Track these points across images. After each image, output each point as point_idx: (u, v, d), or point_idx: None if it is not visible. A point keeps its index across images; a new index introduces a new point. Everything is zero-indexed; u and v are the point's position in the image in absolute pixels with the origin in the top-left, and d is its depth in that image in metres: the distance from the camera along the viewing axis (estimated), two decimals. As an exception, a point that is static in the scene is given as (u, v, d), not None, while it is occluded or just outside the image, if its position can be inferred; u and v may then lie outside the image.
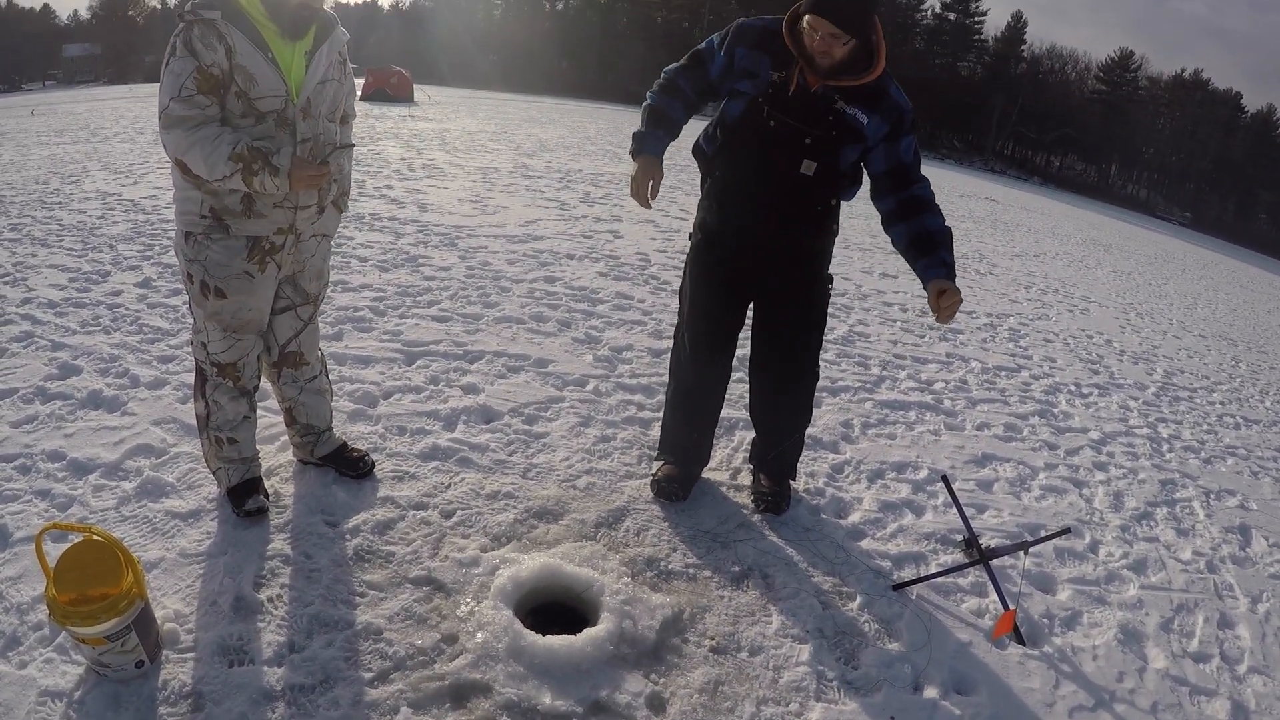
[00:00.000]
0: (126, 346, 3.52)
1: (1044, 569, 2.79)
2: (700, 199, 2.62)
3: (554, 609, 2.22)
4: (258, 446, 2.49)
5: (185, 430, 2.82)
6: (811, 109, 2.27)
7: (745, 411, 3.46)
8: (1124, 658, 2.39)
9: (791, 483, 2.92)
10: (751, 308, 2.68)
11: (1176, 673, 2.38)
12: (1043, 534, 2.78)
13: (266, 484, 2.49)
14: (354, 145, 2.37)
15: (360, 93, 21.73)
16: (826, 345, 2.74)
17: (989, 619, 2.43)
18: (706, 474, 2.96)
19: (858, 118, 2.28)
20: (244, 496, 2.36)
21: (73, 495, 2.41)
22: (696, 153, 2.57)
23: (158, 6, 70.91)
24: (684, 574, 2.41)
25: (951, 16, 62.88)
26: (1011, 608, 2.28)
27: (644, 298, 5.33)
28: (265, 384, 2.56)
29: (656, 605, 2.21)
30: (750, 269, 2.54)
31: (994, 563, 2.47)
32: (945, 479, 2.71)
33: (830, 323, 2.71)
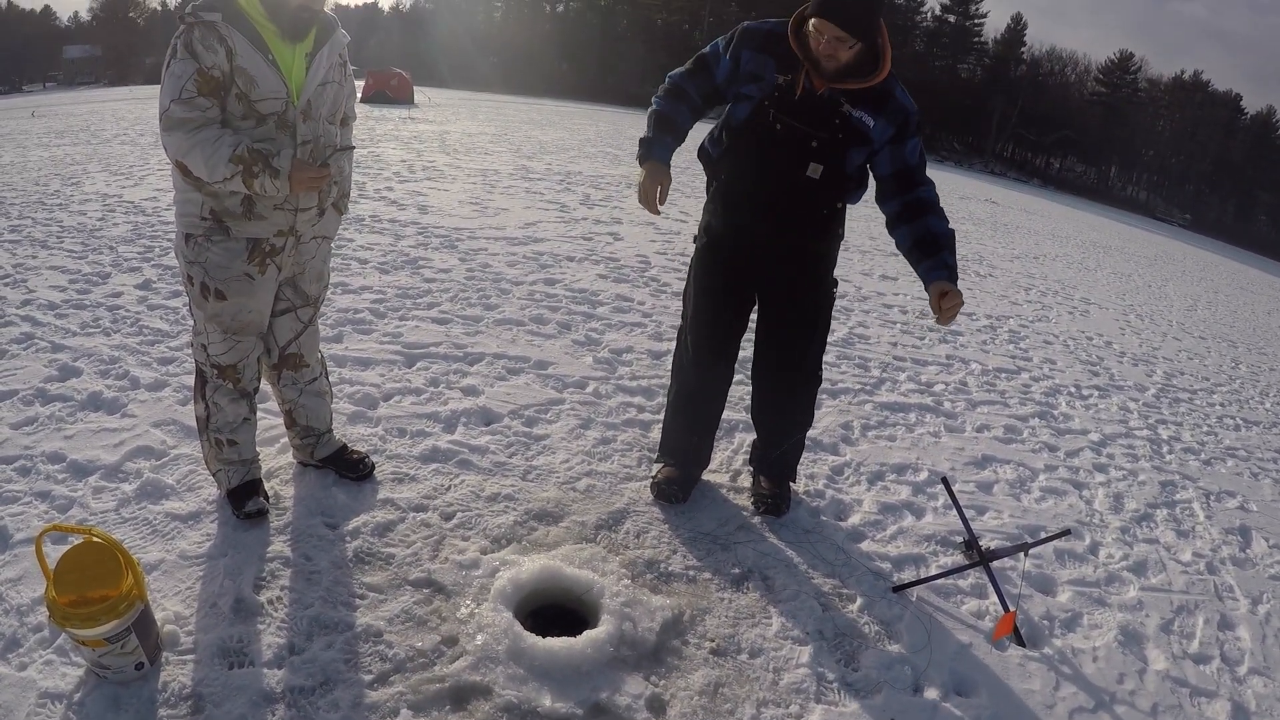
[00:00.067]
0: (127, 348, 3.53)
1: (1044, 571, 2.79)
2: (705, 202, 2.61)
3: (554, 611, 2.22)
4: (258, 448, 2.49)
5: (185, 432, 2.82)
6: (818, 112, 2.27)
7: (745, 414, 3.46)
8: (1124, 659, 2.39)
9: (791, 485, 2.92)
10: (755, 310, 2.68)
11: (1177, 674, 2.38)
12: (1043, 536, 2.78)
13: (266, 486, 2.49)
14: (354, 147, 2.38)
15: (360, 95, 21.76)
16: (826, 347, 2.74)
17: (989, 621, 2.43)
18: (706, 476, 2.96)
19: (864, 120, 2.27)
20: (244, 498, 2.37)
21: (73, 497, 2.41)
22: (702, 156, 2.57)
23: (158, 8, 71.06)
24: (684, 576, 2.41)
25: (951, 19, 63.01)
26: (1012, 609, 2.28)
27: (644, 300, 5.33)
28: (265, 386, 2.56)
29: (656, 607, 2.21)
30: (755, 272, 2.54)
31: (994, 564, 2.47)
32: (945, 481, 2.71)
33: (830, 324, 2.71)
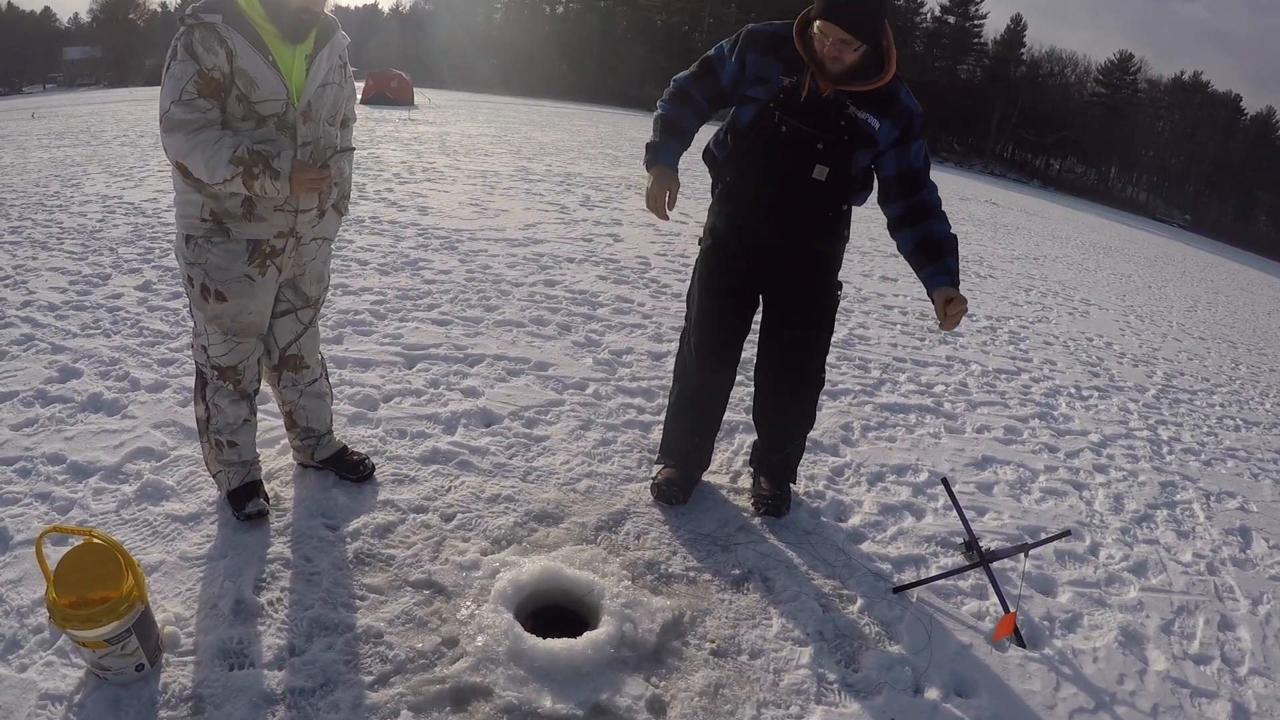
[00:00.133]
0: (127, 349, 3.53)
1: (1044, 571, 2.79)
2: (710, 204, 2.61)
3: (554, 612, 2.22)
4: (258, 450, 2.49)
5: (185, 433, 2.82)
6: (823, 114, 2.26)
7: (745, 414, 3.46)
8: (1124, 660, 2.39)
9: (791, 486, 2.92)
10: (759, 312, 2.68)
11: (1177, 675, 2.38)
12: (1043, 536, 2.78)
13: (267, 487, 2.49)
14: (354, 149, 2.38)
15: (360, 96, 21.77)
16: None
17: (989, 621, 2.43)
18: (706, 477, 2.96)
19: (869, 122, 2.27)
20: (244, 500, 2.37)
21: (73, 498, 2.41)
22: (707, 158, 2.57)
23: (158, 10, 71.15)
24: (684, 577, 2.41)
25: (951, 19, 63.07)
26: (1012, 610, 2.28)
27: (644, 301, 5.33)
28: (265, 387, 2.56)
29: (657, 608, 2.21)
30: (760, 274, 2.54)
31: (994, 565, 2.47)
32: (945, 482, 2.71)
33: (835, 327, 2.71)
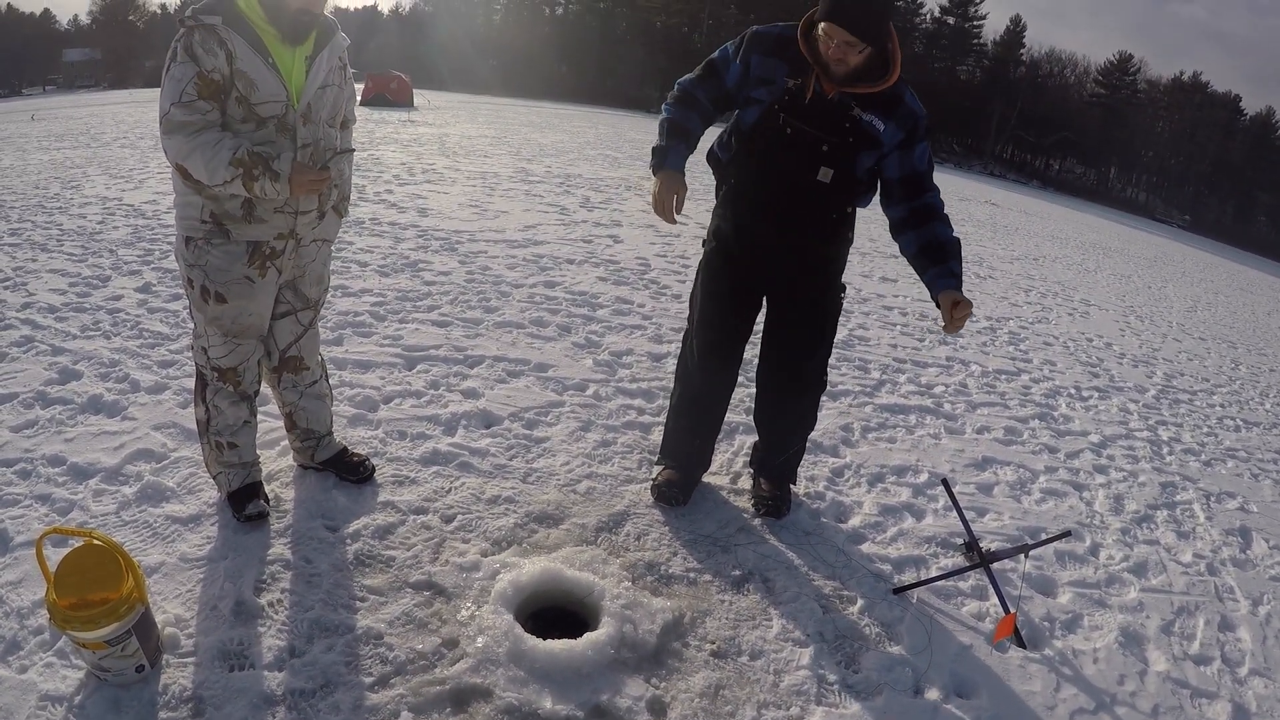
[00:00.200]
0: (127, 351, 3.53)
1: (1044, 572, 2.79)
2: (714, 206, 2.60)
3: (554, 613, 2.22)
4: (258, 451, 2.49)
5: (185, 435, 2.82)
6: (828, 116, 2.26)
7: (745, 416, 3.46)
8: (1125, 660, 2.39)
9: (792, 487, 2.92)
10: (762, 314, 2.68)
11: (1177, 675, 2.38)
12: (1043, 537, 2.78)
13: (267, 489, 2.49)
14: (354, 150, 2.38)
15: (360, 98, 21.79)
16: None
17: (989, 622, 2.43)
18: (706, 478, 2.96)
19: (874, 124, 2.27)
20: (244, 501, 2.37)
21: (73, 500, 2.41)
22: (710, 160, 2.57)
23: (158, 12, 71.20)
24: (684, 578, 2.41)
25: (950, 20, 63.13)
26: (1012, 611, 2.27)
27: (644, 302, 5.34)
28: (265, 389, 2.56)
29: (657, 609, 2.21)
30: (764, 276, 2.54)
31: (994, 566, 2.47)
32: (945, 482, 2.71)
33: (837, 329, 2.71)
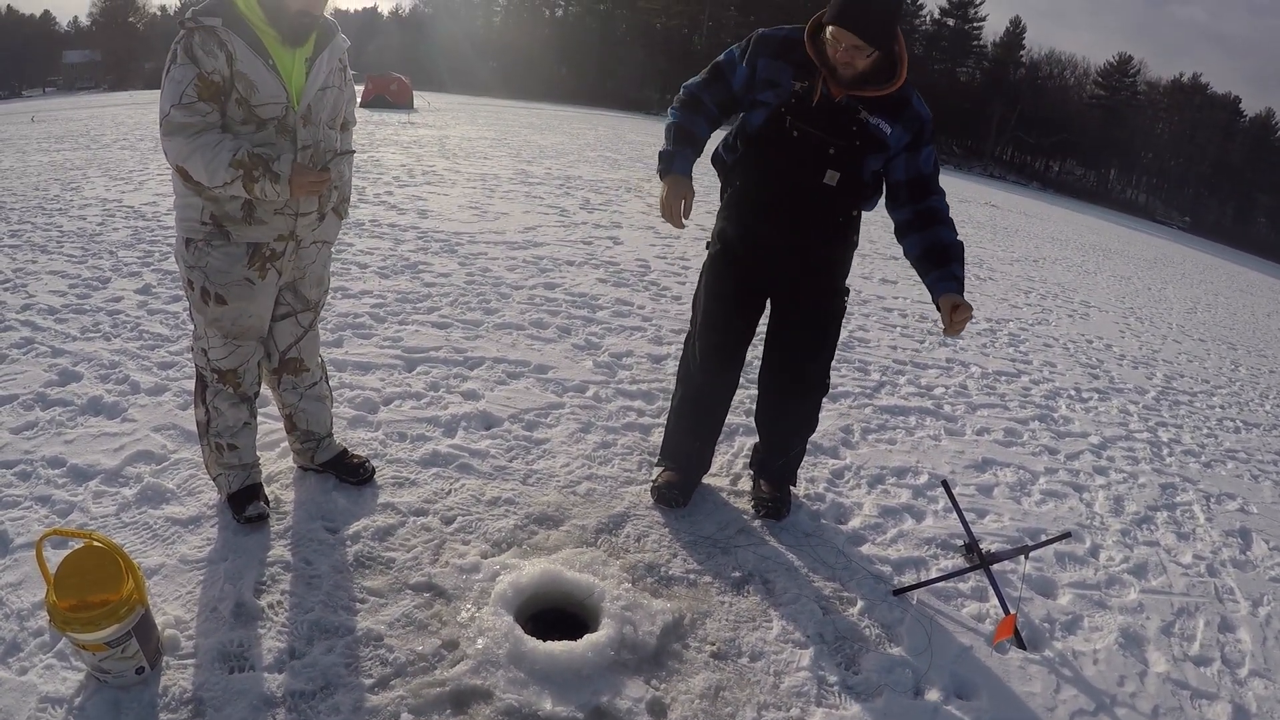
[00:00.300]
0: (127, 353, 3.53)
1: (1044, 573, 2.79)
2: (719, 209, 2.60)
3: (554, 615, 2.22)
4: (258, 453, 2.49)
5: (185, 436, 2.83)
6: (835, 119, 2.26)
7: (745, 417, 3.47)
8: (1125, 662, 2.39)
9: (791, 488, 2.92)
10: (765, 316, 2.67)
11: (1177, 676, 2.38)
12: (1043, 538, 2.78)
13: (267, 490, 2.50)
14: (354, 152, 2.38)
15: (360, 99, 21.80)
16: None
17: (989, 623, 2.43)
18: (706, 480, 2.96)
19: (881, 128, 2.27)
20: (244, 503, 2.37)
21: (73, 501, 2.41)
22: (715, 162, 2.56)
23: (158, 13, 71.28)
24: (684, 579, 2.41)
25: (950, 22, 63.18)
26: (1012, 612, 2.27)
27: (644, 304, 5.34)
28: (265, 390, 2.56)
29: (657, 611, 2.21)
30: (768, 279, 2.54)
31: (994, 567, 2.47)
32: (945, 484, 2.71)
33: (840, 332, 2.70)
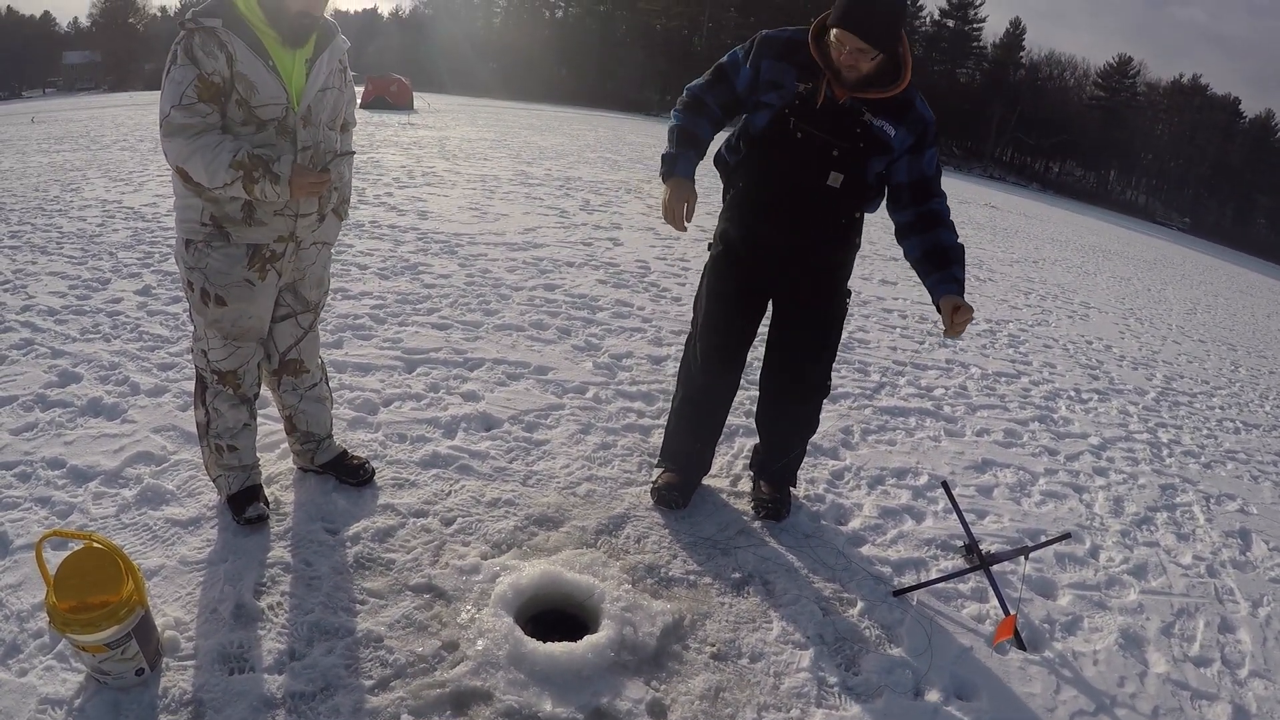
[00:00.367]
0: (126, 354, 3.53)
1: (1044, 574, 2.79)
2: (722, 210, 2.60)
3: (554, 616, 2.22)
4: (258, 454, 2.49)
5: (185, 438, 2.82)
6: (839, 121, 2.26)
7: (745, 418, 3.47)
8: (1125, 662, 2.39)
9: (791, 489, 2.92)
10: (766, 318, 2.67)
11: (1177, 677, 2.38)
12: (1043, 539, 2.78)
13: (267, 491, 2.50)
14: (354, 153, 2.38)
15: (360, 100, 21.81)
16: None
17: (990, 624, 2.42)
18: (706, 481, 2.95)
19: (885, 130, 2.27)
20: (244, 504, 2.36)
21: (73, 503, 2.41)
22: (718, 164, 2.56)
23: (158, 14, 71.31)
24: (684, 581, 2.41)
25: (950, 23, 63.22)
26: (1012, 613, 2.27)
27: (644, 305, 5.34)
28: (265, 391, 2.56)
29: (657, 612, 2.21)
30: (770, 281, 2.54)
31: (994, 568, 2.47)
32: (945, 485, 2.71)
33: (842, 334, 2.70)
